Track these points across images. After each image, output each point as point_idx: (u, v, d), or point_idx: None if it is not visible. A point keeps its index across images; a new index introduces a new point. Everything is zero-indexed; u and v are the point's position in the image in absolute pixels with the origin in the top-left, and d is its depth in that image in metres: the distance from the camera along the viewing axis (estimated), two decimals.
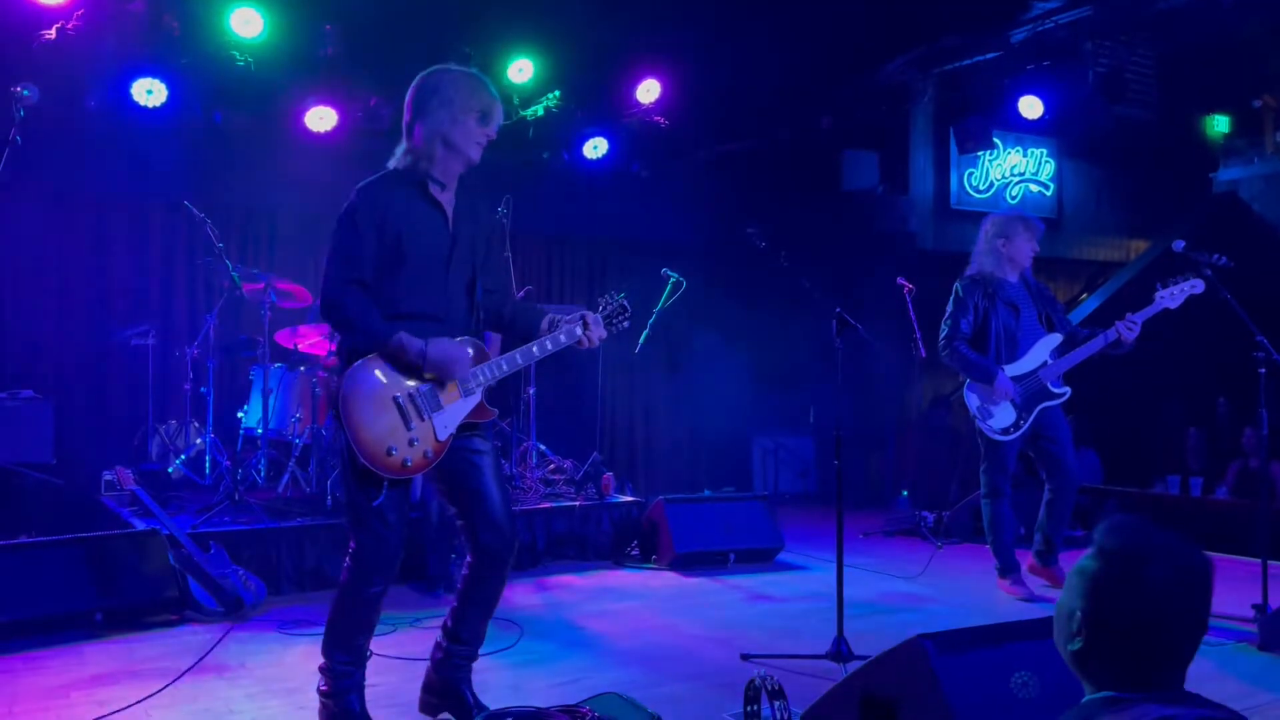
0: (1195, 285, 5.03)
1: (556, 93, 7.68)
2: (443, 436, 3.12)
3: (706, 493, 7.67)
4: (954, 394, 10.08)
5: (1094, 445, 9.70)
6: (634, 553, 6.30)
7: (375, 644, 4.16)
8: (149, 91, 6.61)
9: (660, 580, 5.80)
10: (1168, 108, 11.07)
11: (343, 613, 3.19)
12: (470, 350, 3.20)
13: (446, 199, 3.19)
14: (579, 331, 3.28)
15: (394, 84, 7.43)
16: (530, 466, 6.73)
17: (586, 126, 8.15)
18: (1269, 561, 4.68)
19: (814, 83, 8.35)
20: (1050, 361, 5.29)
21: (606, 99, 8.06)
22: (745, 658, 4.16)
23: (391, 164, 3.21)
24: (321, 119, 7.21)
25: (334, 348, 6.42)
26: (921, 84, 9.45)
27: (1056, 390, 5.28)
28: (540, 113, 7.74)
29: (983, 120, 8.70)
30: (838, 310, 4.24)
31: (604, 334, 3.33)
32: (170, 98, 6.67)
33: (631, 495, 6.75)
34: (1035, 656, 2.81)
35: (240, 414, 6.66)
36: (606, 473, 6.69)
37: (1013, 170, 10.85)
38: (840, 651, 4.03)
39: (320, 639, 3.25)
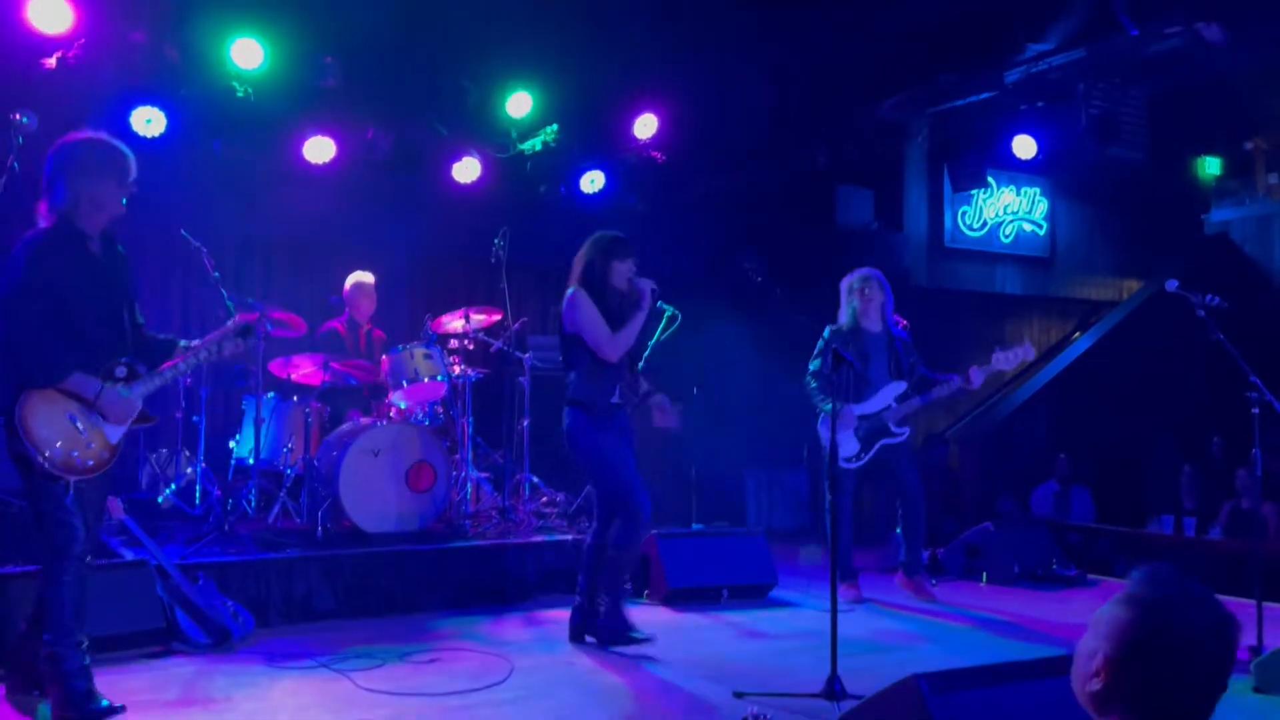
0: (1027, 352, 5.90)
1: (554, 126, 7.71)
2: (114, 440, 3.60)
3: (700, 527, 7.62)
4: (947, 431, 10.08)
5: (1087, 483, 9.66)
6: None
7: (363, 678, 4.12)
8: (148, 120, 6.62)
9: (653, 615, 5.74)
10: (1160, 149, 11.17)
11: (60, 602, 3.52)
12: (139, 400, 3.66)
13: (94, 246, 3.66)
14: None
15: (393, 116, 7.53)
16: (523, 499, 6.69)
17: (584, 160, 8.18)
18: (1263, 603, 4.67)
19: (810, 119, 8.42)
20: (894, 406, 6.01)
21: (604, 134, 8.10)
22: (738, 695, 4.11)
23: (42, 224, 3.59)
24: (320, 149, 7.23)
25: (327, 378, 6.40)
26: (916, 122, 9.53)
27: (896, 431, 6.04)
28: (538, 146, 7.77)
29: (977, 159, 8.79)
30: (834, 346, 4.24)
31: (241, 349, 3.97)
32: (169, 127, 6.67)
33: None
34: (1032, 697, 2.79)
35: (233, 443, 6.62)
36: None
37: (1006, 209, 10.93)
38: (834, 690, 3.99)
39: (310, 671, 3.22)
